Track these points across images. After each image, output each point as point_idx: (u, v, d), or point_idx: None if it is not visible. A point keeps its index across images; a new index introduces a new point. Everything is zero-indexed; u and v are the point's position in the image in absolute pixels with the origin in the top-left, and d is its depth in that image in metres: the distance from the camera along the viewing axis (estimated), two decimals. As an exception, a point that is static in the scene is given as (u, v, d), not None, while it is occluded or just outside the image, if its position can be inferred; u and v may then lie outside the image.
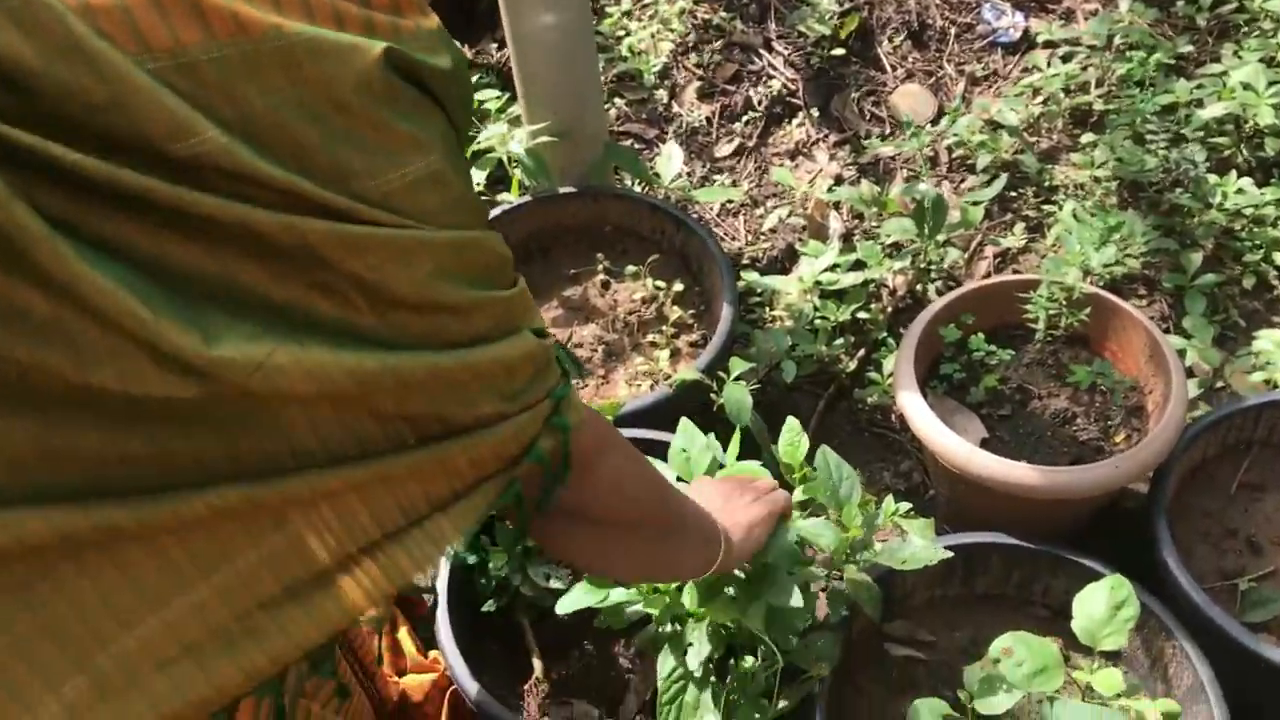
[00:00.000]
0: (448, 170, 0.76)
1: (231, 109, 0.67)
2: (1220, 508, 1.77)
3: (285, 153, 0.69)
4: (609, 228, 2.28)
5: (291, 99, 0.68)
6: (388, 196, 0.72)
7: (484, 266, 0.79)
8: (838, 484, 1.55)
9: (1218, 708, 1.46)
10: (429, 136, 0.75)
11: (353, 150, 0.71)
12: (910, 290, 2.26)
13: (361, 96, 0.71)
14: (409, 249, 0.73)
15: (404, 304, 0.74)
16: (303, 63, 0.69)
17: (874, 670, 1.65)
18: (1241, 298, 2.22)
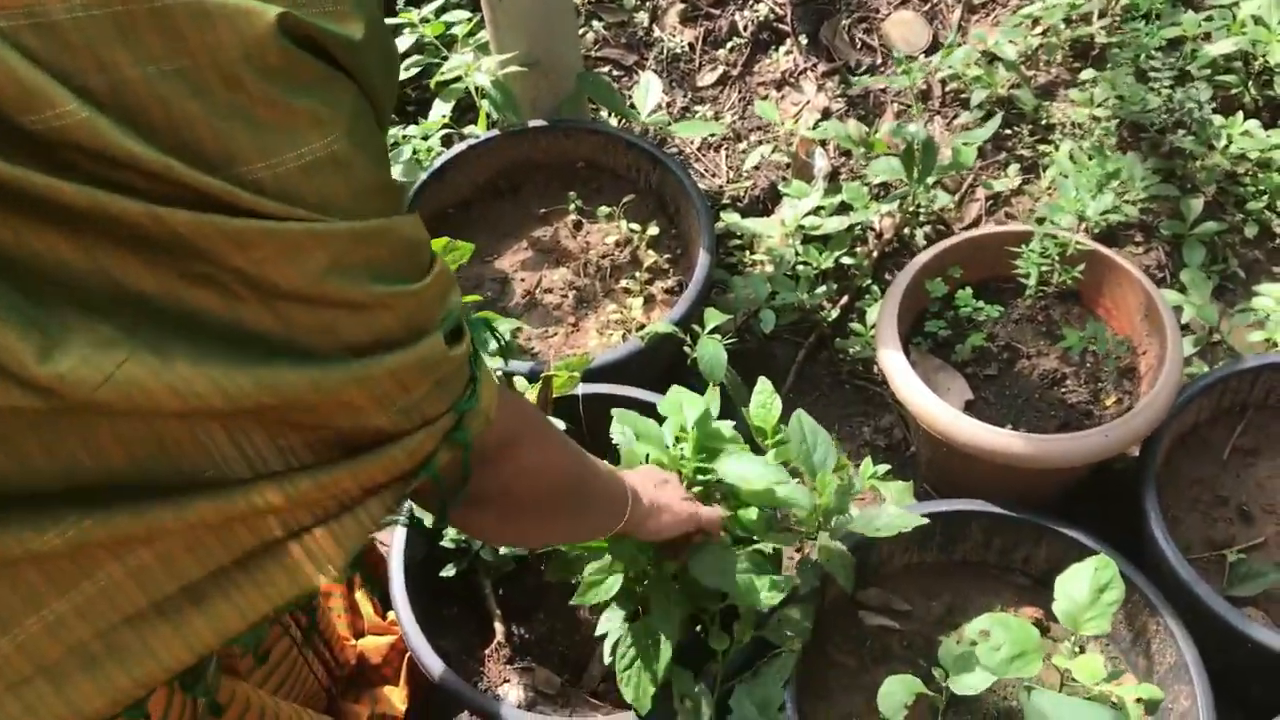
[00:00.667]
0: (353, 151, 0.67)
1: (99, 77, 0.59)
2: (1212, 474, 1.70)
3: (162, 130, 0.61)
4: (582, 164, 2.17)
5: (171, 69, 0.60)
6: (280, 180, 0.64)
7: (391, 258, 0.71)
8: (812, 449, 1.48)
9: (1200, 689, 1.41)
10: (332, 114, 0.66)
11: (241, 128, 0.62)
12: (897, 234, 2.16)
13: (252, 69, 0.62)
14: (298, 242, 0.65)
15: (295, 298, 0.67)
16: (184, 28, 0.60)
17: (846, 641, 1.59)
18: (1242, 246, 2.12)
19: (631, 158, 2.10)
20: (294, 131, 0.64)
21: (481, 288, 2.01)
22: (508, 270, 2.04)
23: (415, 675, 1.69)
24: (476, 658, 1.60)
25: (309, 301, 0.67)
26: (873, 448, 1.93)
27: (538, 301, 1.99)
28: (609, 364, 1.75)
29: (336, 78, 0.67)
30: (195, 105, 0.61)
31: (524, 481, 0.98)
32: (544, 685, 1.56)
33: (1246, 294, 2.04)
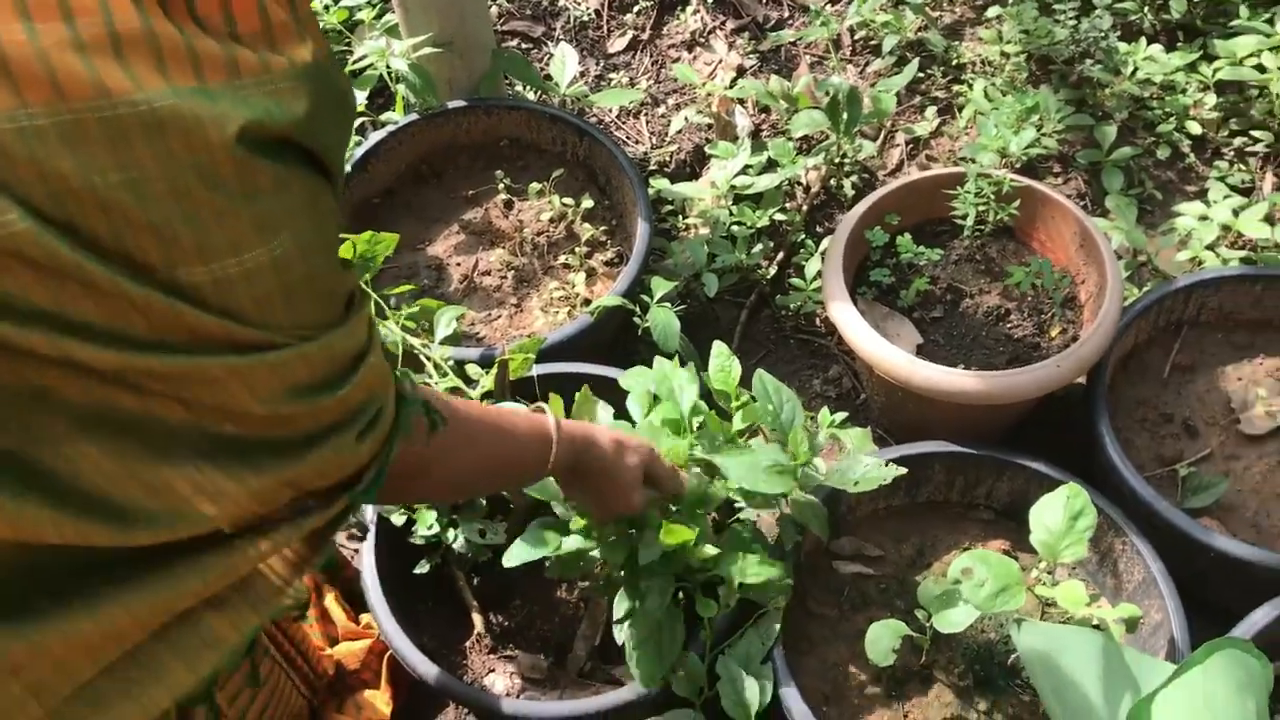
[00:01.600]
0: (293, 254, 0.67)
1: (42, 187, 0.57)
2: (1154, 393, 1.76)
3: (106, 235, 0.59)
4: (506, 142, 2.14)
5: (119, 178, 0.58)
6: (219, 286, 0.64)
7: (310, 377, 0.71)
8: (779, 408, 1.49)
9: (1171, 601, 1.46)
10: (281, 214, 0.65)
11: (185, 231, 0.61)
12: (824, 186, 2.17)
13: (201, 179, 0.61)
14: (215, 377, 0.66)
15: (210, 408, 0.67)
16: (134, 138, 0.58)
17: (824, 592, 1.61)
18: (1156, 169, 2.18)
19: (556, 131, 2.08)
20: (238, 237, 0.63)
21: (417, 276, 1.97)
22: (442, 256, 2.01)
23: (396, 675, 1.67)
24: (458, 651, 1.58)
25: (223, 412, 0.68)
26: (824, 398, 1.95)
27: (477, 285, 1.96)
28: (560, 343, 1.73)
29: (290, 175, 0.65)
30: (140, 214, 0.59)
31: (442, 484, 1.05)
32: (529, 671, 1.55)
33: (1165, 215, 2.10)
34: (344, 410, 0.75)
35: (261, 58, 0.63)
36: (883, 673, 1.52)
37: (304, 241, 0.67)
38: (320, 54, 0.67)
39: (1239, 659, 1.19)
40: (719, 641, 1.44)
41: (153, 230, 0.60)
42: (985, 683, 1.51)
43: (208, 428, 0.68)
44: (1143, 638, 1.50)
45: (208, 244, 0.62)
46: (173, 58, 0.59)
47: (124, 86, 0.57)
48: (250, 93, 0.62)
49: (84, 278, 0.58)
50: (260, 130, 0.62)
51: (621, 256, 1.98)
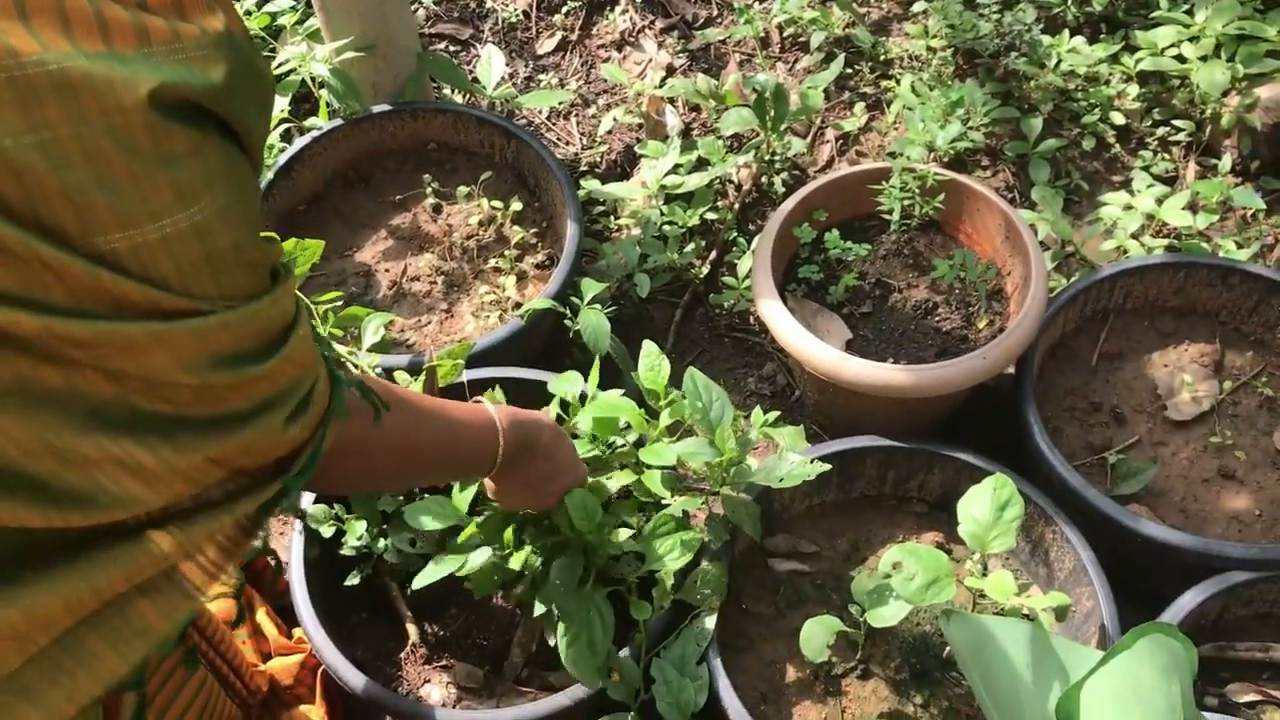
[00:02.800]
0: (215, 221, 0.66)
1: None
2: (1083, 381, 1.77)
3: (17, 204, 0.58)
4: (433, 146, 2.11)
5: (30, 141, 0.57)
6: (138, 251, 0.62)
7: (235, 345, 0.70)
8: (708, 406, 1.48)
9: (1100, 589, 1.47)
10: (199, 180, 0.64)
11: (101, 199, 0.60)
12: (755, 184, 2.17)
13: (116, 142, 0.60)
14: (137, 342, 0.64)
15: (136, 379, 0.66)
16: (45, 99, 0.57)
17: (760, 590, 1.61)
18: (1082, 159, 2.21)
19: (484, 134, 2.06)
20: (156, 203, 0.62)
21: (345, 283, 1.94)
22: (370, 262, 1.98)
23: (330, 690, 1.64)
24: (393, 662, 1.56)
25: (149, 383, 0.67)
26: (759, 396, 1.95)
27: (406, 291, 1.94)
28: (490, 347, 1.72)
29: (206, 142, 0.64)
30: (53, 179, 0.58)
31: (368, 476, 1.03)
32: (466, 680, 1.53)
33: (1091, 205, 2.13)
34: (273, 386, 0.74)
35: (171, 25, 0.62)
36: (820, 669, 1.52)
37: (224, 208, 0.66)
38: (234, 27, 0.66)
39: (1164, 643, 1.20)
40: (654, 644, 1.43)
41: (66, 196, 0.58)
42: (921, 675, 1.51)
43: (134, 403, 0.67)
44: (1074, 625, 1.51)
45: (125, 210, 0.61)
46: (79, 22, 0.58)
47: (31, 47, 0.56)
48: (161, 59, 0.61)
49: (7, 247, 0.57)
50: (173, 94, 0.61)
51: (552, 259, 1.97)
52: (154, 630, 0.74)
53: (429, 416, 1.09)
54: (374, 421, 0.93)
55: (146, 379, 0.66)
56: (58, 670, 0.70)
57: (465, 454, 1.15)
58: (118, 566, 0.70)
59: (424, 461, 1.11)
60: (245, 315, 0.70)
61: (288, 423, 0.77)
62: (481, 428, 1.16)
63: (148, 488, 0.69)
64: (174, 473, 0.70)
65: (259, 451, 0.76)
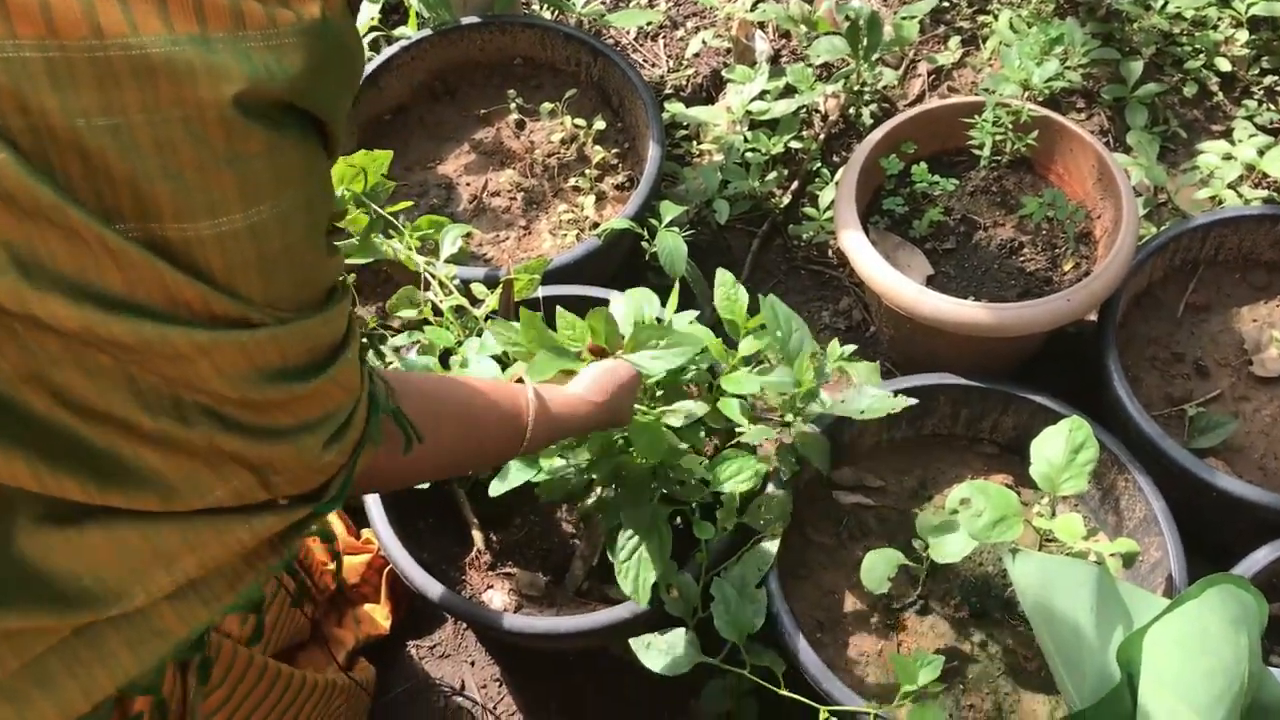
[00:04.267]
0: (273, 225, 0.64)
1: (22, 120, 0.55)
2: (1167, 332, 1.73)
3: (78, 182, 0.57)
4: (520, 61, 2.11)
5: (103, 124, 0.56)
6: (189, 244, 0.61)
7: (282, 361, 0.69)
8: (787, 337, 1.47)
9: (1171, 539, 1.45)
10: (266, 182, 0.63)
11: (164, 188, 0.59)
12: (843, 115, 2.14)
13: (189, 134, 0.58)
14: (181, 351, 0.63)
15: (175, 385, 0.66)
16: (125, 83, 0.56)
17: (823, 521, 1.61)
18: (1182, 106, 2.14)
19: (570, 50, 2.05)
20: (217, 199, 0.61)
21: (426, 195, 1.96)
22: (452, 175, 1.99)
23: (395, 591, 1.68)
24: (457, 567, 1.59)
25: (193, 388, 0.66)
26: (834, 330, 1.94)
27: (486, 206, 1.95)
28: (566, 265, 1.72)
29: (282, 143, 0.63)
30: (121, 163, 0.57)
31: (408, 473, 1.01)
32: (528, 588, 1.56)
33: (1188, 153, 2.06)
34: (317, 406, 0.74)
35: (269, 11, 0.60)
36: (878, 601, 1.52)
37: (286, 214, 0.65)
38: (330, 9, 0.64)
39: (1234, 595, 1.18)
40: (715, 564, 1.44)
41: (130, 183, 0.58)
42: (980, 615, 1.51)
43: (178, 393, 0.66)
44: (1141, 575, 1.49)
45: (185, 203, 0.60)
46: (176, 3, 0.57)
47: (120, 28, 0.55)
48: (253, 45, 0.60)
49: (63, 221, 0.57)
50: (258, 93, 0.60)
51: (632, 181, 1.96)
52: (171, 634, 0.74)
53: (475, 418, 1.09)
54: (404, 450, 0.92)
55: (189, 384, 0.66)
56: (76, 662, 0.70)
57: (489, 451, 1.15)
58: None
59: (464, 458, 1.12)
60: (295, 331, 0.69)
61: (326, 446, 0.76)
62: (509, 424, 1.13)
63: (187, 474, 0.69)
64: (219, 457, 0.69)
65: (293, 470, 0.76)
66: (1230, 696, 1.14)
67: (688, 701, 1.62)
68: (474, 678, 1.68)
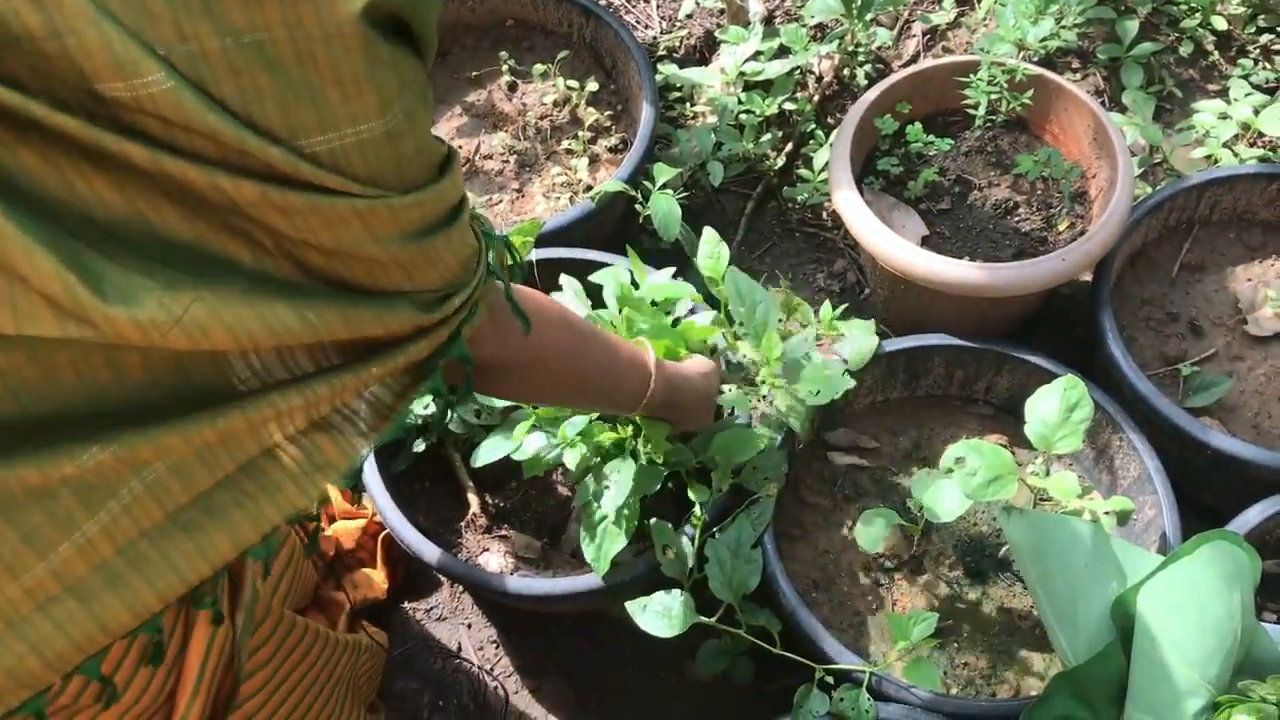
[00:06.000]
0: (406, 126, 0.71)
1: (180, 47, 0.60)
2: (1161, 292, 1.73)
3: (233, 101, 0.63)
4: (511, 22, 2.09)
5: (250, 40, 0.62)
6: (335, 154, 0.68)
7: (421, 221, 0.76)
8: (752, 310, 1.45)
9: (1165, 497, 1.46)
10: (393, 92, 0.69)
11: (307, 105, 0.65)
12: (837, 76, 2.12)
13: (330, 49, 0.64)
14: (341, 215, 0.70)
15: (320, 251, 0.72)
16: (265, 4, 0.61)
17: (818, 482, 1.61)
18: (1177, 66, 2.13)
19: (562, 12, 2.03)
20: (356, 111, 0.67)
21: (418, 159, 1.94)
22: (444, 138, 1.97)
23: (391, 555, 1.68)
24: (453, 530, 1.59)
25: (332, 256, 0.72)
26: (828, 292, 1.93)
27: (478, 168, 1.94)
28: (560, 227, 1.71)
29: (399, 52, 0.68)
30: (267, 78, 0.63)
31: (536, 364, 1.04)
32: (524, 550, 1.56)
33: (1184, 113, 2.05)
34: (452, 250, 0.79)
35: None
36: (873, 561, 1.53)
37: (411, 113, 0.71)
38: None
39: (1228, 551, 1.19)
40: (710, 526, 1.44)
41: (278, 98, 0.63)
42: (975, 574, 1.52)
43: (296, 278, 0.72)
44: (1135, 533, 1.50)
45: (329, 114, 0.66)
46: None
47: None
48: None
49: (216, 137, 0.62)
50: (382, 8, 0.65)
51: (625, 143, 1.95)
52: (332, 466, 0.78)
53: (596, 343, 1.15)
54: (524, 330, 0.97)
55: (339, 256, 0.72)
56: (243, 495, 0.74)
57: (620, 390, 1.20)
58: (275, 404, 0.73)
59: (583, 383, 1.16)
60: (433, 194, 0.75)
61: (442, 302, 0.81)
62: (636, 373, 1.20)
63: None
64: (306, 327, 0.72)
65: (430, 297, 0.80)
66: (1223, 652, 1.15)
67: (684, 662, 1.63)
68: (471, 640, 1.69)
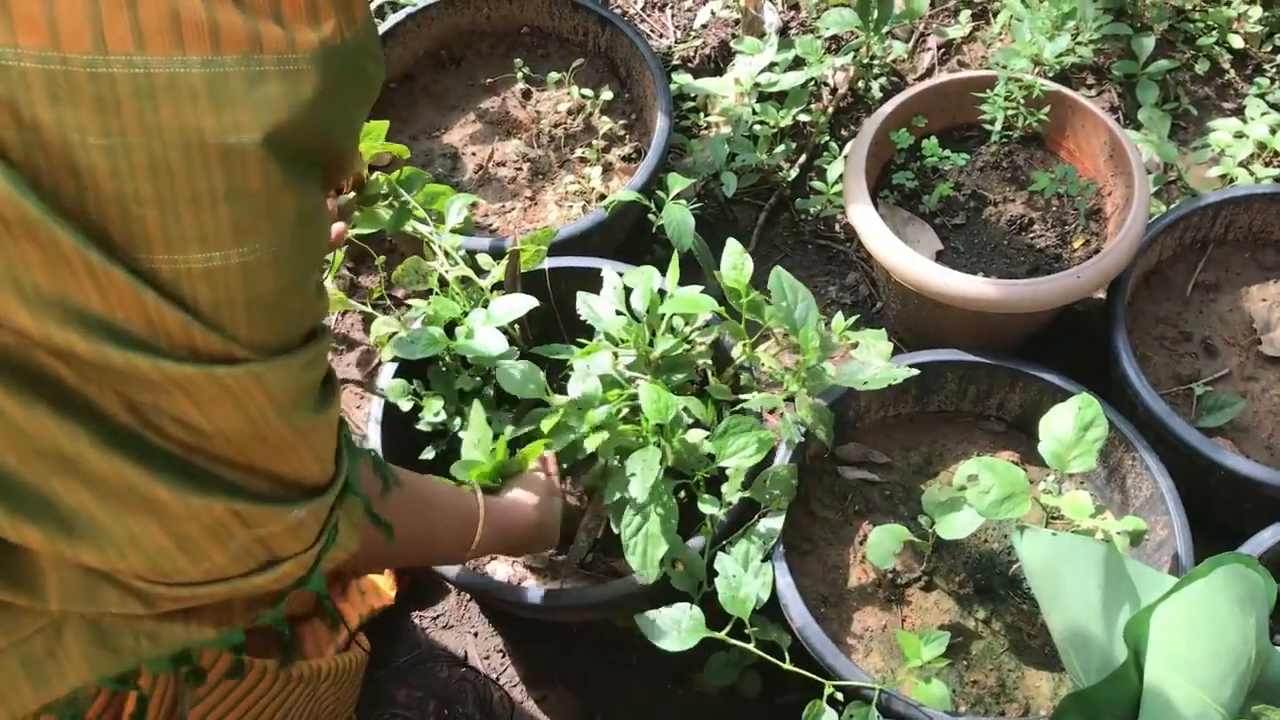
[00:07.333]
0: (266, 263, 0.61)
1: (15, 133, 0.52)
2: (1175, 311, 1.73)
3: (69, 201, 0.54)
4: (526, 29, 2.09)
5: (98, 141, 0.53)
6: (178, 277, 0.59)
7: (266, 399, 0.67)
8: (793, 306, 1.46)
9: (1177, 518, 1.45)
10: (263, 220, 0.60)
11: (154, 218, 0.56)
12: (852, 88, 2.12)
13: (187, 162, 0.56)
14: (151, 381, 0.61)
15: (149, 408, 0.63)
16: (124, 102, 0.53)
17: (828, 496, 1.61)
18: (1193, 84, 2.12)
19: (578, 20, 2.03)
20: (210, 233, 0.58)
21: (432, 164, 1.94)
22: (457, 144, 1.97)
23: (398, 563, 1.68)
24: (461, 538, 1.58)
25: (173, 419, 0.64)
26: (840, 305, 1.93)
27: (491, 175, 1.93)
28: (572, 236, 1.71)
29: (285, 183, 0.60)
30: (113, 184, 0.55)
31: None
32: (532, 560, 1.56)
33: (1199, 131, 2.05)
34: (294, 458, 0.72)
35: (288, 35, 0.57)
36: (882, 577, 1.52)
37: (280, 255, 0.62)
38: (352, 27, 0.62)
39: (1242, 574, 1.18)
40: (720, 538, 1.43)
41: (120, 205, 0.55)
42: (985, 592, 1.51)
43: (149, 438, 0.63)
44: (1147, 553, 1.49)
45: (176, 232, 0.57)
46: (190, 21, 0.54)
47: (124, 44, 0.53)
48: (268, 70, 0.57)
49: (46, 238, 0.54)
50: (263, 125, 0.57)
51: (639, 152, 1.94)
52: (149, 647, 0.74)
53: (438, 515, 1.17)
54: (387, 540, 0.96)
55: (168, 414, 0.63)
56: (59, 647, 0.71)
57: (455, 543, 1.23)
58: None
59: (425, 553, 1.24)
60: (279, 369, 0.66)
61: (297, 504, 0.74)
62: (469, 528, 1.23)
63: (171, 536, 0.66)
64: (187, 511, 0.66)
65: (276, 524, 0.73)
66: (1237, 675, 1.14)
67: (691, 674, 1.62)
68: (477, 649, 1.68)
